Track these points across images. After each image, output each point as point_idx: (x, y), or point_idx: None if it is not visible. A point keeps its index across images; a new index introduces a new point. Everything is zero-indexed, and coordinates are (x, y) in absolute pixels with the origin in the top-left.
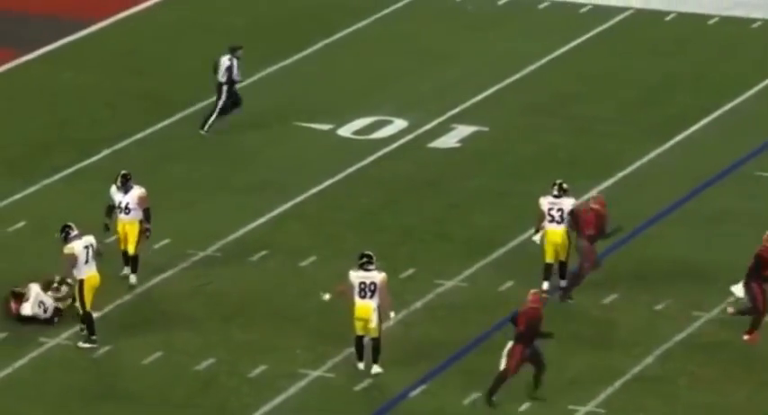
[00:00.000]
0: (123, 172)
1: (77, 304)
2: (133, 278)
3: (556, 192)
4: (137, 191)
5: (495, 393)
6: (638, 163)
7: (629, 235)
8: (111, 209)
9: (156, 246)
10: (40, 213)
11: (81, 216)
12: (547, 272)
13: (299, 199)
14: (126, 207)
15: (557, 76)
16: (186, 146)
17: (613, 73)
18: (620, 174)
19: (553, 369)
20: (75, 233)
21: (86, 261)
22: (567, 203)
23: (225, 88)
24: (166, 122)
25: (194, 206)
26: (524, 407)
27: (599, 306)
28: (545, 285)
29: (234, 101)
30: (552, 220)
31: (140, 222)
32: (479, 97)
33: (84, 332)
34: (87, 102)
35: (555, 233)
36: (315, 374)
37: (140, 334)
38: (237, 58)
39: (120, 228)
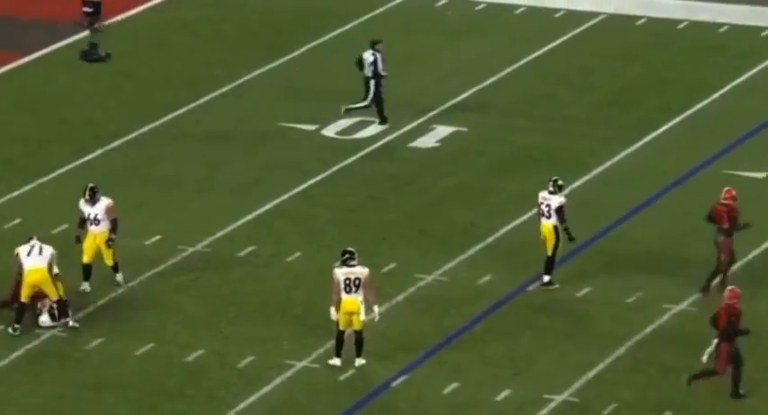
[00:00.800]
0: (90, 184)
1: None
2: (119, 277)
3: (551, 188)
4: (104, 202)
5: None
6: (609, 163)
7: (602, 232)
8: (83, 222)
9: (148, 242)
10: (35, 210)
11: (73, 214)
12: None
13: (284, 197)
14: (95, 219)
15: (532, 79)
16: (177, 147)
17: (586, 75)
18: (593, 173)
19: (529, 360)
20: (33, 241)
21: (28, 254)
22: (555, 200)
23: (372, 82)
24: (157, 123)
25: (184, 203)
26: (501, 396)
27: (573, 299)
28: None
29: (377, 94)
30: (542, 214)
31: (110, 230)
32: (458, 99)
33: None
34: (82, 104)
35: (543, 226)
36: (300, 364)
37: (133, 326)
38: (378, 52)
39: (90, 239)
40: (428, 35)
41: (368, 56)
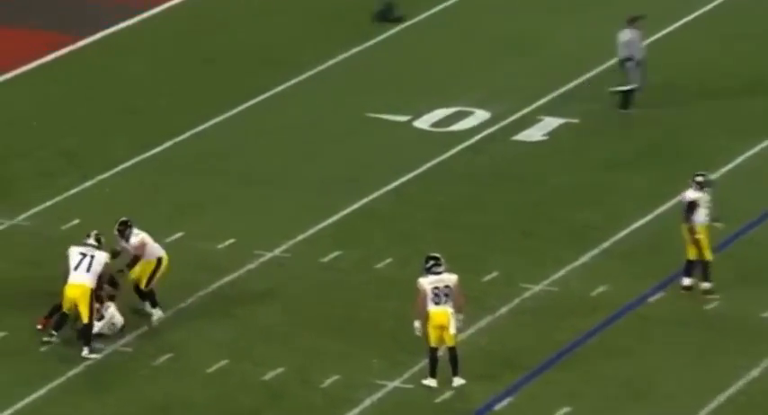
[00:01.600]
0: (122, 219)
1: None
2: (157, 313)
3: (692, 187)
4: (136, 239)
5: None
6: (740, 158)
7: (732, 237)
8: (117, 254)
9: (221, 246)
10: (95, 209)
11: (138, 213)
12: (686, 268)
13: (373, 196)
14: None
15: (653, 63)
16: (251, 139)
17: (710, 61)
18: (723, 170)
19: (650, 381)
20: (90, 240)
21: (75, 268)
22: (688, 196)
23: (628, 64)
24: (231, 113)
25: (260, 203)
26: None
27: (700, 313)
28: (685, 281)
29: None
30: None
31: (158, 259)
32: (568, 86)
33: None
34: (148, 91)
35: (682, 227)
36: (392, 384)
37: (204, 341)
38: (638, 30)
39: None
40: (534, 17)
41: (624, 34)
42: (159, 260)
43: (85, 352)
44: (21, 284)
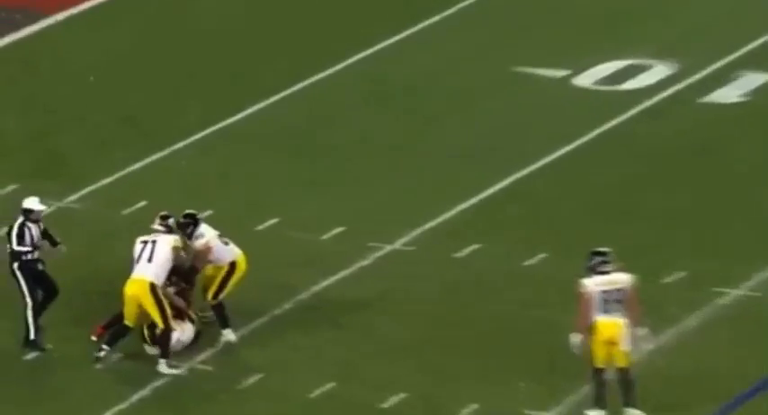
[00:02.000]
0: (189, 211)
1: None
2: (228, 334)
3: None
4: (197, 243)
5: None
6: None
7: None
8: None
9: (326, 236)
10: (166, 188)
11: (218, 195)
12: None
13: (520, 174)
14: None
15: None
16: (360, 101)
17: None
18: None
19: None
20: (155, 224)
21: (137, 260)
22: None
23: None
24: (332, 70)
25: (376, 182)
26: None
27: None
28: None
29: None
30: None
31: (231, 265)
32: None
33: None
34: (230, 45)
35: None
36: None
37: (306, 357)
38: None
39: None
40: None
41: None
42: (232, 266)
43: (162, 367)
44: (71, 283)
